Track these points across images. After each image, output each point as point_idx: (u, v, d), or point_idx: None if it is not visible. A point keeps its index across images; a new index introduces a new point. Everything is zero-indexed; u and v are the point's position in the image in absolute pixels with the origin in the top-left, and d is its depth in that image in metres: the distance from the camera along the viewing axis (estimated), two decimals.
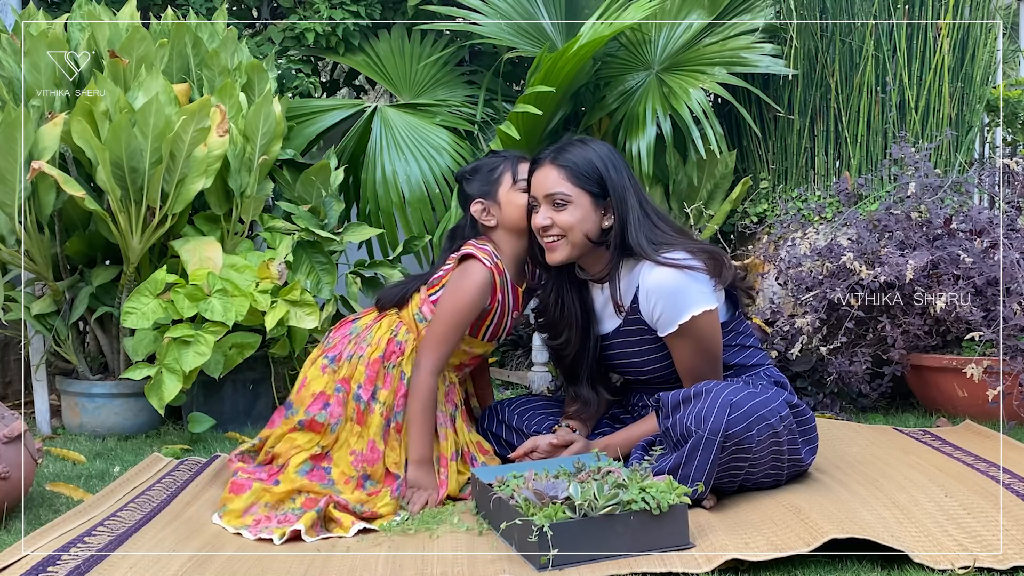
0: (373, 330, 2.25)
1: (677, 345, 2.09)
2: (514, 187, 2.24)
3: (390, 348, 2.21)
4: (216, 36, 3.08)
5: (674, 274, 2.03)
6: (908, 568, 1.63)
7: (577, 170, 2.09)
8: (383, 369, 2.18)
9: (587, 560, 1.68)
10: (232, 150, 2.84)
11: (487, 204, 2.26)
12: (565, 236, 2.10)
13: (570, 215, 2.09)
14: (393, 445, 2.14)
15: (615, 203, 2.09)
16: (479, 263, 2.18)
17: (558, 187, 2.09)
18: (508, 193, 2.24)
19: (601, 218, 2.11)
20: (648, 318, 2.10)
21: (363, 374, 2.17)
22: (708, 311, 2.05)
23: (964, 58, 3.42)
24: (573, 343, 2.23)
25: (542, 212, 2.11)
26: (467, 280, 2.17)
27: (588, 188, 2.09)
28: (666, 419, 1.95)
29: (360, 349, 2.21)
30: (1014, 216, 2.94)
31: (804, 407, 2.04)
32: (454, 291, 2.17)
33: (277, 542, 1.89)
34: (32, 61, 2.75)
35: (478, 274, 2.17)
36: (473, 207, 2.27)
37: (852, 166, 3.43)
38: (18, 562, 1.75)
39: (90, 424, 2.89)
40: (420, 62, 3.72)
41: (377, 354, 2.19)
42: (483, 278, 2.17)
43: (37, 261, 2.79)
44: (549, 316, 2.27)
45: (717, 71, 3.41)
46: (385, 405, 2.15)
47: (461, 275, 2.18)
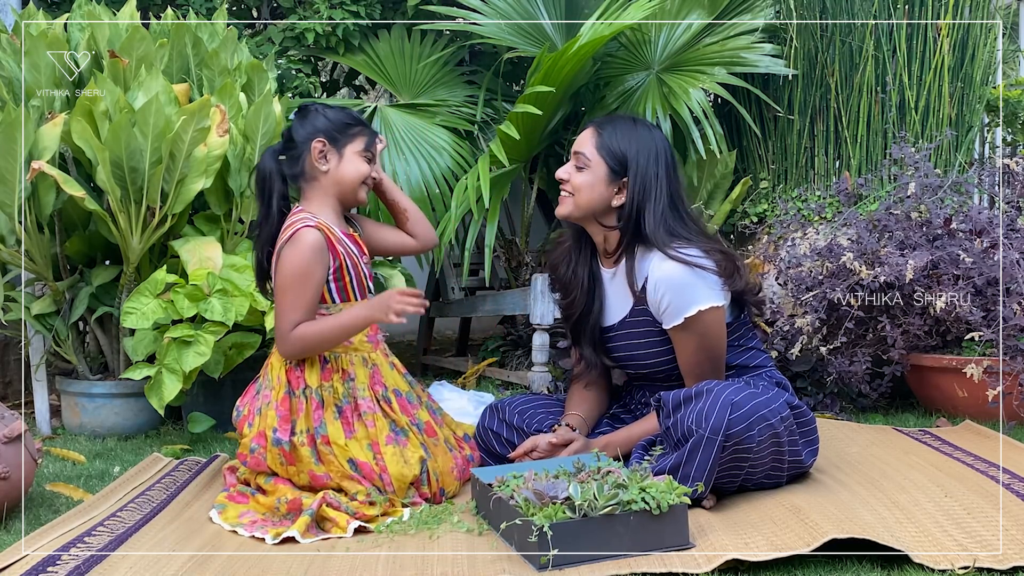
0: (268, 373, 2.17)
1: (681, 340, 2.09)
2: (362, 152, 2.20)
3: (292, 378, 2.13)
4: (216, 36, 3.08)
5: (684, 269, 2.04)
6: (908, 568, 1.63)
7: (607, 141, 2.14)
8: (294, 400, 2.11)
9: (587, 560, 1.68)
10: (232, 150, 2.84)
11: (329, 149, 2.18)
12: (573, 195, 2.15)
13: (582, 178, 2.14)
14: (336, 459, 2.07)
15: (632, 184, 2.11)
16: (305, 228, 2.10)
17: (584, 148, 2.15)
18: (356, 154, 2.19)
19: (612, 194, 2.13)
20: (654, 309, 2.10)
21: (275, 419, 2.09)
22: (715, 307, 2.05)
23: (964, 58, 3.42)
24: (578, 303, 2.26)
25: (567, 165, 2.19)
26: (295, 248, 2.09)
27: (608, 161, 2.13)
28: (667, 418, 1.96)
29: (266, 398, 2.13)
30: (1014, 216, 2.94)
31: (805, 408, 2.04)
32: (281, 263, 2.10)
33: (270, 542, 1.89)
34: (32, 61, 2.75)
35: (309, 236, 2.09)
36: (315, 143, 2.16)
37: (852, 166, 3.43)
38: (18, 562, 1.75)
39: (90, 424, 2.89)
40: (420, 62, 3.72)
41: (283, 392, 2.12)
42: (315, 239, 2.10)
43: (37, 261, 2.79)
44: (559, 275, 2.31)
45: (717, 71, 3.41)
46: (305, 433, 2.08)
47: (291, 245, 2.09)
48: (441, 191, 3.53)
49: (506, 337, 3.85)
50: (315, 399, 2.11)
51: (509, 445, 2.31)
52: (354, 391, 2.13)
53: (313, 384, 2.12)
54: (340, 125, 2.20)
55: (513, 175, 3.54)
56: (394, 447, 2.10)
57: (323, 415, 2.10)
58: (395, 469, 2.07)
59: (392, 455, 2.09)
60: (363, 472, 2.06)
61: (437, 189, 3.52)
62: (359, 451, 2.08)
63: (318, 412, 2.10)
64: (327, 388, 2.12)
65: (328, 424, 2.09)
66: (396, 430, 2.14)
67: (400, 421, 2.16)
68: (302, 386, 2.12)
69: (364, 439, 2.10)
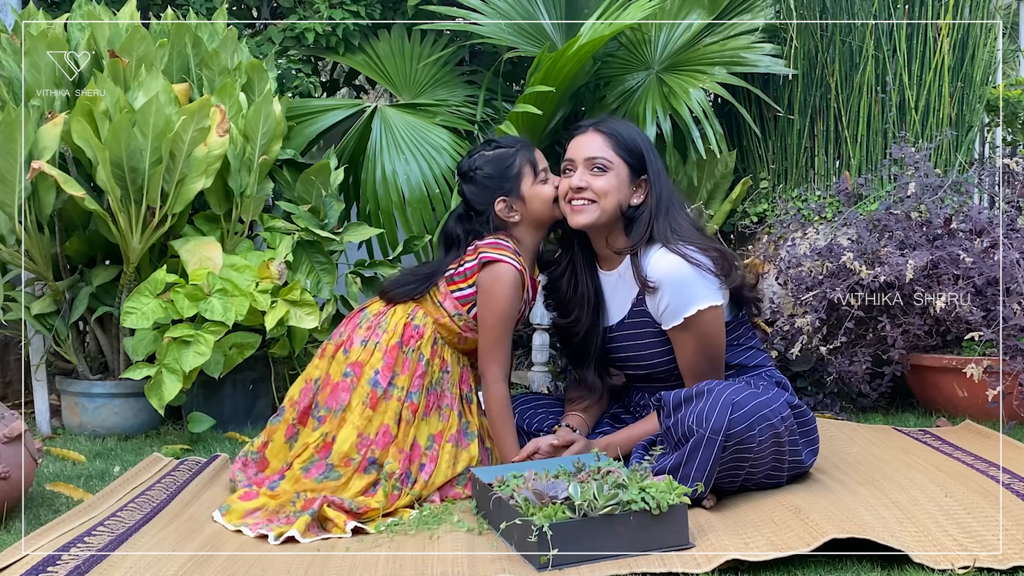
0: (387, 316, 2.24)
1: (680, 340, 2.09)
2: (536, 180, 2.23)
3: (407, 333, 2.20)
4: (216, 36, 3.08)
5: (684, 265, 2.04)
6: (908, 568, 1.63)
7: (621, 140, 2.13)
8: (401, 355, 2.18)
9: (587, 560, 1.68)
10: (232, 150, 2.84)
11: (510, 201, 2.23)
12: (596, 201, 2.12)
13: (607, 181, 2.12)
14: (406, 430, 2.14)
15: (652, 182, 2.12)
16: (508, 265, 2.18)
17: (601, 152, 2.13)
18: (532, 187, 2.23)
19: (632, 193, 2.14)
20: (654, 310, 2.10)
21: (380, 360, 2.16)
22: (714, 307, 2.05)
23: (964, 58, 3.42)
24: (584, 321, 2.24)
25: (577, 175, 2.15)
26: (500, 285, 2.17)
27: (628, 160, 2.13)
28: (667, 418, 1.96)
29: (376, 336, 2.20)
30: (1014, 216, 2.94)
31: (805, 408, 2.04)
32: (492, 299, 2.18)
33: (272, 541, 1.89)
34: (32, 61, 2.75)
35: (510, 276, 2.17)
36: (498, 206, 2.23)
37: (852, 166, 3.43)
38: (18, 562, 1.75)
39: (90, 424, 2.89)
40: (420, 62, 3.72)
41: (395, 340, 2.19)
42: (515, 279, 2.18)
43: (37, 261, 2.79)
44: (561, 295, 2.29)
45: (717, 71, 3.41)
46: (403, 390, 2.16)
47: (493, 281, 2.17)
48: (441, 191, 3.52)
49: None
50: (421, 365, 2.18)
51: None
52: (444, 382, 2.21)
53: (426, 353, 2.19)
54: (503, 172, 2.23)
55: None
56: (453, 446, 2.17)
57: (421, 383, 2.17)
58: (442, 466, 2.14)
59: (447, 452, 2.15)
60: (412, 455, 2.13)
61: (437, 189, 3.52)
62: (421, 435, 2.15)
63: (418, 381, 2.17)
64: (432, 363, 2.20)
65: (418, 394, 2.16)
66: (466, 432, 2.21)
67: (474, 423, 2.23)
68: (413, 346, 2.18)
69: (434, 429, 2.17)
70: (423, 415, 2.18)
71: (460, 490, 2.16)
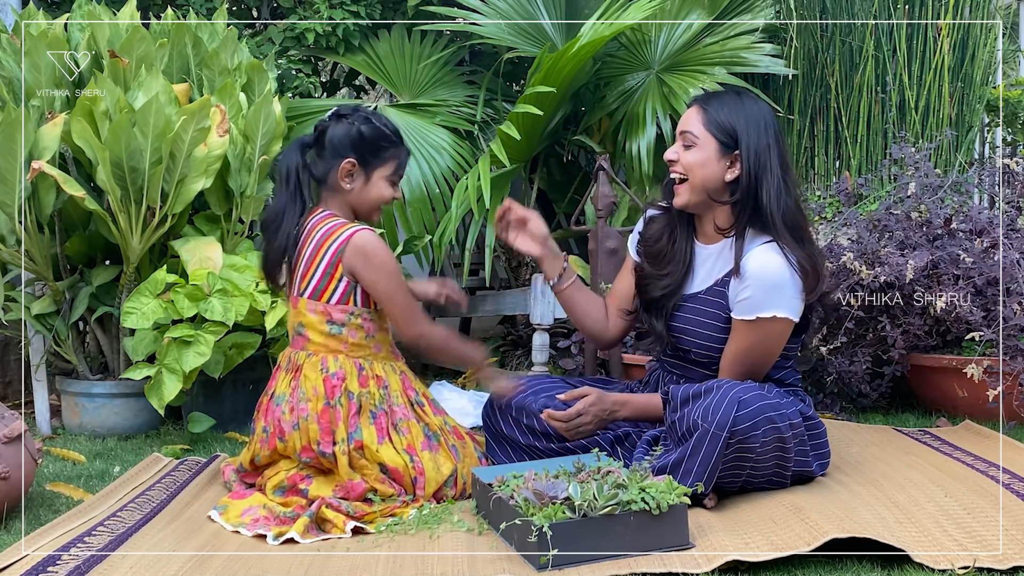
0: (301, 384, 2.13)
1: (741, 333, 2.08)
2: (390, 176, 2.19)
3: (328, 387, 2.11)
4: (216, 36, 3.08)
5: (783, 270, 2.01)
6: (908, 568, 1.63)
7: (713, 116, 2.11)
8: (332, 411, 2.10)
9: (587, 560, 1.68)
10: (232, 150, 2.84)
11: (359, 170, 2.16)
12: (687, 180, 2.11)
13: (692, 156, 2.10)
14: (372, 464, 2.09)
15: (745, 156, 2.07)
16: (360, 231, 2.11)
17: (690, 126, 2.12)
18: (382, 179, 2.18)
19: (725, 169, 2.10)
20: (733, 295, 2.09)
21: (317, 432, 2.09)
22: (788, 319, 2.05)
23: (964, 58, 3.42)
24: (674, 277, 2.21)
25: (674, 147, 2.16)
26: (370, 250, 2.10)
27: (716, 135, 2.09)
28: (673, 412, 1.95)
29: (302, 410, 2.10)
30: (1014, 216, 2.94)
31: (818, 420, 2.06)
32: (373, 268, 2.10)
33: (271, 542, 1.89)
34: (32, 61, 2.75)
35: (370, 236, 2.11)
36: (345, 164, 2.14)
37: (852, 166, 3.43)
38: (18, 562, 1.75)
39: (90, 424, 2.89)
40: (420, 62, 3.72)
41: (321, 404, 2.10)
42: (374, 237, 2.12)
43: (37, 261, 2.79)
44: (657, 245, 2.25)
45: (717, 71, 3.41)
46: (344, 441, 2.08)
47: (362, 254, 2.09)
48: (441, 191, 3.53)
49: (506, 337, 3.85)
50: (353, 404, 2.11)
51: (528, 430, 2.29)
52: (389, 399, 2.15)
53: (354, 390, 2.12)
54: (375, 146, 2.16)
55: (513, 175, 3.54)
56: (429, 453, 2.13)
57: (359, 420, 2.10)
58: (431, 475, 2.10)
59: (428, 460, 2.12)
60: (394, 476, 2.08)
61: (437, 189, 3.52)
62: (391, 456, 2.09)
63: (354, 419, 2.11)
64: (365, 394, 2.13)
65: (363, 429, 2.10)
66: (429, 434, 2.16)
67: (433, 425, 2.18)
68: (337, 395, 2.11)
69: (398, 445, 2.11)
70: (379, 441, 2.09)
71: (448, 491, 2.14)
